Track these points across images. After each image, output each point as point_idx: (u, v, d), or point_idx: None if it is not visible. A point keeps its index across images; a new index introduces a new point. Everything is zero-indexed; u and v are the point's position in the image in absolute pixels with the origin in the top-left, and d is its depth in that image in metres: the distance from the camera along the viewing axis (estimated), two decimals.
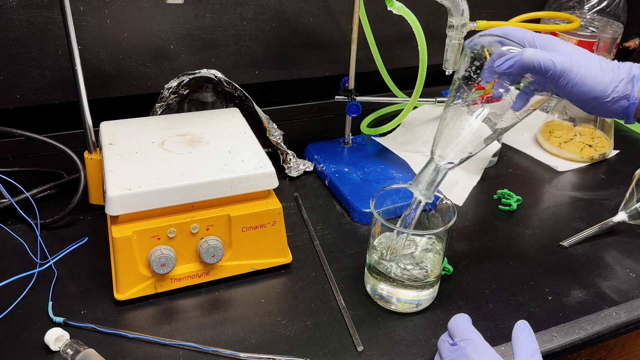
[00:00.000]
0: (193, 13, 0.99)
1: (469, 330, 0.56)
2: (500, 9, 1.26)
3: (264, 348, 0.60)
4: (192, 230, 0.65)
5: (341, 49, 1.14)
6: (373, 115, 1.10)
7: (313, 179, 0.92)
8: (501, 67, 0.58)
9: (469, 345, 0.54)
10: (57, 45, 0.93)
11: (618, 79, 0.58)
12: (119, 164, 0.67)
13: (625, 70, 0.58)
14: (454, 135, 0.61)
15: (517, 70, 0.58)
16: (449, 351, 0.55)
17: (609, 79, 0.58)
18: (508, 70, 0.58)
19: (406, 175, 0.89)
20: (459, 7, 0.80)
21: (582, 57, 0.58)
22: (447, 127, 0.61)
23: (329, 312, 0.66)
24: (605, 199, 0.90)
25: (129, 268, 0.63)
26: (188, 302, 0.66)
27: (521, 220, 0.84)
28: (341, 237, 0.79)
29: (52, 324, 0.62)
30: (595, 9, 1.16)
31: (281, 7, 1.05)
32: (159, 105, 0.85)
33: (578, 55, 0.58)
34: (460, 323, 0.57)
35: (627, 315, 0.67)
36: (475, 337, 0.55)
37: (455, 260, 0.74)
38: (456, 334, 0.56)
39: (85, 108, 0.71)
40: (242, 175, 0.66)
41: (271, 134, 0.91)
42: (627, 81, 0.58)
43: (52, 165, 0.89)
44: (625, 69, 0.59)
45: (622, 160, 1.02)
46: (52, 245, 0.73)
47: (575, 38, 1.11)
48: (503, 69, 0.58)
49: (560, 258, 0.77)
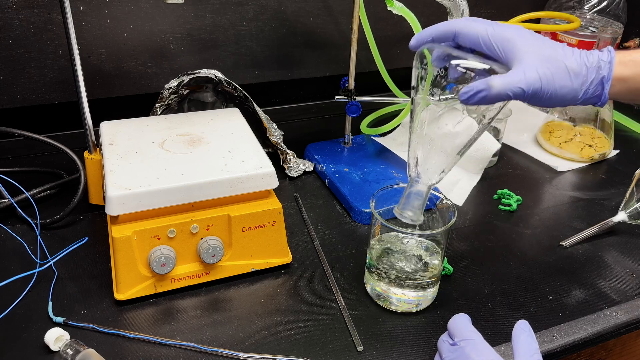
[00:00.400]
0: (193, 13, 0.99)
1: (468, 330, 0.56)
2: (500, 8, 1.26)
3: (264, 348, 0.60)
4: (192, 230, 0.65)
5: (341, 49, 1.14)
6: (373, 115, 1.10)
7: (313, 179, 0.92)
8: (468, 101, 0.54)
9: (469, 345, 0.54)
10: (57, 45, 0.93)
11: (588, 82, 0.56)
12: (119, 164, 0.67)
13: (594, 70, 0.56)
14: (430, 155, 0.60)
15: (486, 103, 0.55)
16: (449, 351, 0.55)
17: (579, 84, 0.56)
18: (476, 104, 0.55)
19: (406, 175, 0.89)
20: (459, 7, 0.80)
21: (548, 66, 0.55)
22: (421, 146, 0.60)
23: (329, 312, 0.66)
24: (605, 199, 0.90)
25: (129, 268, 0.63)
26: (188, 302, 0.66)
27: (521, 220, 0.84)
28: (341, 237, 0.79)
29: (52, 324, 0.62)
30: (595, 9, 1.16)
31: (281, 7, 1.05)
32: (159, 105, 0.85)
33: (543, 63, 0.55)
34: (460, 323, 0.57)
35: (627, 315, 0.67)
36: (475, 337, 0.55)
37: (455, 260, 0.74)
38: (456, 334, 0.56)
39: (85, 108, 0.71)
40: (242, 175, 0.66)
41: (271, 134, 0.91)
42: (597, 83, 0.56)
43: (52, 165, 0.89)
44: (593, 69, 0.56)
45: (622, 160, 1.02)
46: (52, 245, 0.73)
47: (576, 38, 1.11)
48: (471, 102, 0.55)
49: (560, 258, 0.77)
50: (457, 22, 0.58)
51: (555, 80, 0.55)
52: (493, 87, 0.53)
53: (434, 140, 0.60)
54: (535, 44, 0.56)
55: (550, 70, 0.55)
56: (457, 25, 0.57)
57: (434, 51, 0.57)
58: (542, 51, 0.55)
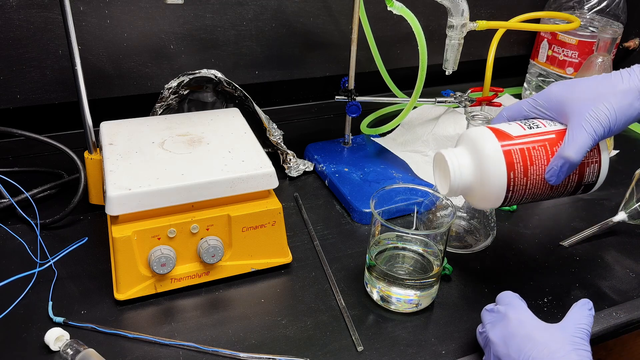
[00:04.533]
0: (193, 13, 0.99)
1: (511, 296, 0.57)
2: (500, 9, 1.26)
3: (264, 348, 0.60)
4: (192, 230, 0.65)
5: (341, 49, 1.14)
6: (373, 115, 1.10)
7: (313, 179, 0.92)
8: (559, 179, 0.58)
9: (510, 309, 0.55)
10: (57, 45, 0.93)
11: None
12: (119, 164, 0.67)
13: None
14: None
15: (573, 169, 0.59)
16: (490, 316, 0.57)
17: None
18: (565, 177, 0.59)
19: (406, 175, 0.89)
20: (459, 7, 0.80)
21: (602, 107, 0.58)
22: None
23: (329, 312, 0.66)
24: (605, 199, 0.90)
25: (129, 268, 0.63)
26: (188, 302, 0.66)
27: (521, 220, 0.84)
28: (341, 237, 0.79)
29: (52, 324, 0.62)
30: (595, 9, 1.16)
31: (281, 7, 1.05)
32: (159, 105, 0.85)
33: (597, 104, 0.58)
34: (506, 293, 0.59)
35: (627, 315, 0.67)
36: (517, 303, 0.56)
37: (455, 260, 0.74)
38: (500, 301, 0.58)
39: (85, 108, 0.71)
40: (242, 175, 0.66)
41: (271, 134, 0.91)
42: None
43: (52, 165, 0.89)
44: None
45: (622, 160, 1.02)
46: (52, 245, 0.73)
47: (575, 38, 1.11)
48: (562, 179, 0.59)
49: (560, 258, 0.77)
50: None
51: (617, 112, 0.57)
52: (570, 156, 0.57)
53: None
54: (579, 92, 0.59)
55: (608, 107, 0.57)
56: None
57: None
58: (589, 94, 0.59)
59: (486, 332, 0.56)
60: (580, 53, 1.12)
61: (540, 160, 0.58)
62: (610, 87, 0.58)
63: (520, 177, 0.58)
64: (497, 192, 0.59)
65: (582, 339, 0.53)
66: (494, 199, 0.59)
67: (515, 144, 0.59)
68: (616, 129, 0.57)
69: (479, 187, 0.59)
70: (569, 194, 0.63)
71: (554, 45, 1.15)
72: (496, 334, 0.55)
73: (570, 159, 0.57)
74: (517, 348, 0.52)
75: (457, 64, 0.85)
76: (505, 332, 0.54)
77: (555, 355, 0.50)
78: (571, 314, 0.55)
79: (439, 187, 0.63)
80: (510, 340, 0.53)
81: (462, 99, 0.95)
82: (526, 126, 0.60)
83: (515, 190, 0.59)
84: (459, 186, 0.60)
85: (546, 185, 0.59)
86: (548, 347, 0.51)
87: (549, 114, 0.61)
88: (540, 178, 0.59)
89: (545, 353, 0.50)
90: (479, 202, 0.62)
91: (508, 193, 0.59)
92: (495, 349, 0.54)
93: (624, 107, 0.57)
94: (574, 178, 0.61)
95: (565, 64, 1.14)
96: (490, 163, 0.58)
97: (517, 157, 0.58)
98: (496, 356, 0.54)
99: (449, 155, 0.60)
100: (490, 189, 0.59)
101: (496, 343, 0.54)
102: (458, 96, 0.95)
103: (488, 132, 0.60)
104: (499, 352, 0.53)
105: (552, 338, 0.52)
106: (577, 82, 0.60)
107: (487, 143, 0.59)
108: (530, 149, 0.58)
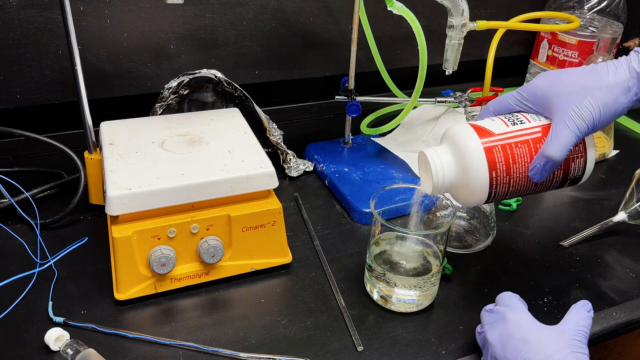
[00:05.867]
0: (193, 13, 0.99)
1: (510, 297, 0.57)
2: (500, 9, 1.26)
3: (264, 348, 0.60)
4: (192, 230, 0.65)
5: (341, 49, 1.14)
6: (373, 115, 1.10)
7: (313, 179, 0.92)
8: (543, 177, 0.58)
9: (508, 310, 0.55)
10: (57, 45, 0.93)
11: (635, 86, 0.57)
12: (119, 164, 0.67)
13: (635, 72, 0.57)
14: None
15: (556, 167, 0.58)
16: (488, 316, 0.57)
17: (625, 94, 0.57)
18: (548, 175, 0.59)
19: (406, 175, 0.89)
20: (459, 7, 0.80)
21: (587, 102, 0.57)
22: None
23: (329, 312, 0.66)
24: (605, 199, 0.90)
25: (129, 268, 0.63)
26: (188, 302, 0.66)
27: (521, 220, 0.84)
28: (341, 237, 0.79)
29: (52, 324, 0.62)
30: (595, 9, 1.16)
31: (281, 7, 1.05)
32: (159, 105, 0.85)
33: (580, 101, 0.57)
34: (506, 294, 0.58)
35: (627, 315, 0.67)
36: (515, 304, 0.56)
37: (455, 260, 0.74)
38: (499, 302, 0.58)
39: (85, 108, 0.71)
40: (242, 175, 0.66)
41: (271, 134, 0.91)
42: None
43: (52, 165, 0.89)
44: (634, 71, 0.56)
45: (622, 160, 1.02)
46: (52, 245, 0.73)
47: (575, 38, 1.11)
48: (545, 177, 0.58)
49: (560, 258, 0.77)
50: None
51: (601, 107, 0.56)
52: (553, 155, 0.56)
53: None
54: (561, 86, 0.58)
55: (592, 102, 0.56)
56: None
57: None
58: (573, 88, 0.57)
59: (484, 332, 0.56)
60: (580, 53, 1.12)
61: (523, 158, 0.58)
62: (595, 81, 0.56)
63: (503, 175, 0.58)
64: (480, 190, 0.58)
65: (580, 341, 0.53)
66: (478, 196, 0.59)
67: (498, 140, 0.58)
68: (600, 125, 0.56)
69: (463, 185, 0.59)
70: (555, 189, 0.62)
71: (554, 45, 1.15)
72: (494, 335, 0.54)
73: (552, 157, 0.56)
74: (514, 350, 0.52)
75: (457, 64, 0.85)
76: (503, 334, 0.54)
77: (551, 358, 0.50)
78: (570, 315, 0.55)
79: (424, 185, 0.62)
80: (507, 342, 0.53)
81: (462, 99, 0.95)
82: (510, 122, 0.59)
83: (499, 187, 0.58)
84: (442, 185, 0.59)
85: (530, 181, 0.59)
86: (544, 351, 0.51)
87: (534, 108, 0.60)
88: (524, 175, 0.58)
89: (542, 356, 0.50)
90: (464, 199, 0.61)
91: (492, 189, 0.58)
92: (493, 350, 0.54)
93: (609, 102, 0.55)
94: (559, 174, 0.60)
95: (566, 63, 1.14)
96: (472, 161, 0.57)
97: (499, 155, 0.57)
98: (493, 357, 0.54)
99: (431, 154, 0.60)
100: (473, 186, 0.58)
101: (493, 344, 0.54)
102: (458, 96, 0.95)
103: (470, 129, 0.59)
104: (496, 354, 0.53)
105: (550, 341, 0.52)
106: (563, 74, 0.58)
107: (468, 141, 0.58)
108: (513, 146, 0.58)
